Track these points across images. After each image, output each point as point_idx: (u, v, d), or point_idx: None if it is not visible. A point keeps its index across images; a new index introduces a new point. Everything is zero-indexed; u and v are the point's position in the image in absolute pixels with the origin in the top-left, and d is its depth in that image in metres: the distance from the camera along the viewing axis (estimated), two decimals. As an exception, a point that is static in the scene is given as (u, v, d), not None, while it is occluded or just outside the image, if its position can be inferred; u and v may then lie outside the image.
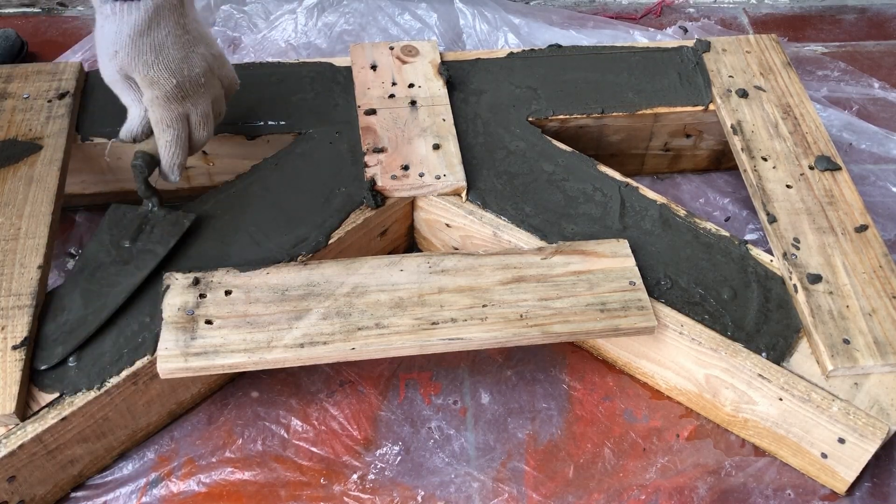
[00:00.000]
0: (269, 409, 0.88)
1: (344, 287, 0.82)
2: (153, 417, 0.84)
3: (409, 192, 0.93)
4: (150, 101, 0.78)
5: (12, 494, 0.76)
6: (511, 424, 0.88)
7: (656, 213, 0.93)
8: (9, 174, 0.91)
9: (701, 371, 0.85)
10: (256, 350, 0.77)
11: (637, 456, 0.86)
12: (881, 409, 0.78)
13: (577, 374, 0.93)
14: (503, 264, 0.85)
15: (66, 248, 1.01)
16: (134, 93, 0.79)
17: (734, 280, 0.87)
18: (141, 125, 0.82)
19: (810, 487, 0.84)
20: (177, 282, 0.81)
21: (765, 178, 0.95)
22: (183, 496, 0.82)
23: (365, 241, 0.93)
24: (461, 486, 0.83)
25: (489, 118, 1.02)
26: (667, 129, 1.07)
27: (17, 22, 1.39)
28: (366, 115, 0.99)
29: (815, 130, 1.01)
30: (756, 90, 1.06)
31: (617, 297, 0.82)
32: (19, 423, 0.74)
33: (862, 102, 1.29)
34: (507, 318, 0.80)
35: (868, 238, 0.89)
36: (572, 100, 1.05)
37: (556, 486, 0.84)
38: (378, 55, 1.07)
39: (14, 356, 0.76)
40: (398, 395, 0.90)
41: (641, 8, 1.47)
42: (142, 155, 0.82)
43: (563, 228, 0.91)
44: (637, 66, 1.10)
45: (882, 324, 0.82)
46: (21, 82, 1.01)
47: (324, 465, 0.84)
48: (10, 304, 0.79)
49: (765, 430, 0.84)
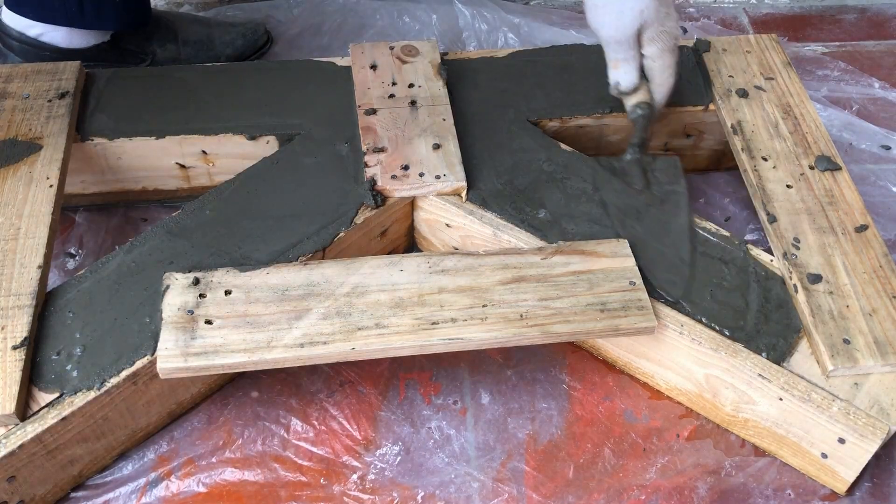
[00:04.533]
0: (269, 409, 0.88)
1: (344, 287, 0.82)
2: (153, 417, 0.84)
3: (409, 192, 0.93)
4: (662, 51, 0.92)
5: (12, 494, 0.76)
6: (511, 424, 0.88)
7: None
8: (9, 174, 0.91)
9: (701, 371, 0.85)
10: (256, 350, 0.77)
11: (637, 456, 0.86)
12: (881, 409, 0.78)
13: (577, 374, 0.93)
14: (503, 264, 0.85)
15: (66, 248, 1.01)
16: (634, 50, 0.92)
17: (734, 280, 0.87)
18: (638, 76, 0.95)
19: (810, 487, 0.84)
20: (177, 282, 0.81)
21: (765, 178, 0.95)
22: (183, 496, 0.82)
23: (365, 241, 0.93)
24: (461, 486, 0.83)
25: (489, 118, 1.02)
26: (667, 129, 1.07)
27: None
28: (366, 115, 0.99)
29: (815, 130, 1.01)
30: (756, 90, 1.06)
31: (617, 297, 0.82)
32: (19, 423, 0.74)
33: (862, 102, 1.29)
34: (507, 318, 0.80)
35: (868, 238, 0.89)
36: (572, 100, 1.05)
37: (556, 486, 0.84)
38: (378, 55, 1.07)
39: (14, 356, 0.76)
40: (398, 395, 0.90)
41: (641, 8, 1.47)
42: (643, 105, 0.96)
43: (563, 228, 0.91)
44: (637, 65, 1.09)
45: (882, 324, 0.82)
46: (21, 82, 1.01)
47: (324, 465, 0.84)
48: (10, 304, 0.79)
49: (765, 430, 0.84)
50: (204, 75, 1.06)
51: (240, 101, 1.03)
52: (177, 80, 1.05)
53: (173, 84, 1.04)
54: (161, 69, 1.07)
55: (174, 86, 1.04)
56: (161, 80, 1.05)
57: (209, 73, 1.06)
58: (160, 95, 1.03)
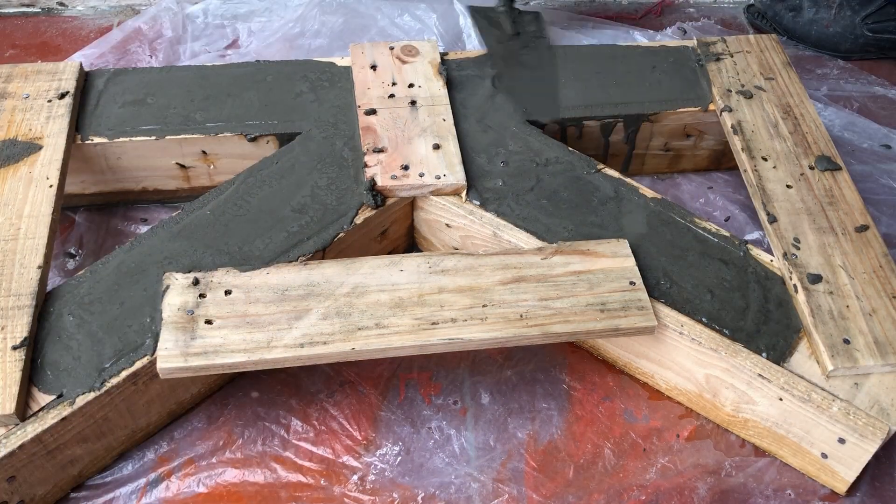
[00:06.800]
0: (269, 409, 0.88)
1: (344, 287, 0.82)
2: (153, 417, 0.84)
3: (409, 192, 0.93)
4: None
5: (12, 494, 0.76)
6: (511, 424, 0.88)
7: (656, 212, 0.92)
8: (9, 174, 0.91)
9: (701, 371, 0.85)
10: (256, 350, 0.77)
11: (637, 456, 0.86)
12: (881, 409, 0.78)
13: (577, 374, 0.93)
14: (503, 264, 0.85)
15: (66, 248, 1.01)
16: None
17: (734, 280, 0.87)
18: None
19: (810, 487, 0.84)
20: (177, 282, 0.81)
21: (765, 178, 0.95)
22: (183, 496, 0.82)
23: (365, 242, 0.93)
24: (461, 486, 0.83)
25: (489, 118, 1.02)
26: (667, 129, 1.07)
27: (16, 22, 1.39)
28: (366, 115, 0.99)
29: (815, 130, 1.01)
30: (756, 90, 1.05)
31: (617, 297, 0.82)
32: (19, 423, 0.74)
33: (862, 100, 1.29)
34: (507, 319, 0.80)
35: (868, 238, 0.89)
36: (573, 100, 1.05)
37: (556, 486, 0.84)
38: (378, 55, 1.07)
39: (14, 356, 0.76)
40: (398, 395, 0.90)
41: (641, 8, 1.47)
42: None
43: (562, 228, 0.91)
44: (637, 65, 1.09)
45: (882, 324, 0.82)
46: (21, 82, 1.01)
47: (324, 465, 0.84)
48: (10, 304, 0.79)
49: (765, 431, 0.84)
50: (203, 75, 1.06)
51: (240, 101, 1.03)
52: (177, 80, 1.05)
53: (173, 84, 1.04)
54: (161, 69, 1.07)
55: (174, 86, 1.04)
56: (161, 80, 1.05)
57: (209, 73, 1.06)
58: (160, 95, 1.03)
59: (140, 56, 1.29)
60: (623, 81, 1.07)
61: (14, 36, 1.36)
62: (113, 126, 0.99)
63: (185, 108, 1.01)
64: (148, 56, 1.30)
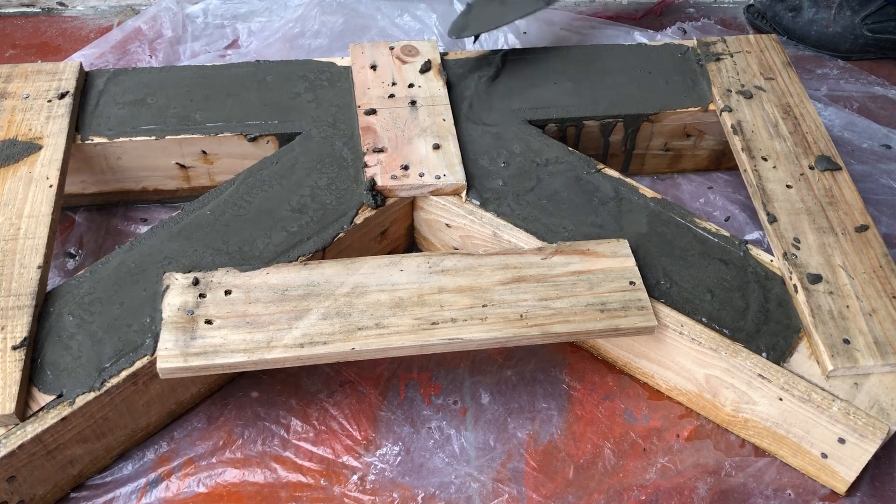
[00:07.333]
0: (269, 409, 0.88)
1: (344, 287, 0.82)
2: (153, 417, 0.84)
3: (409, 192, 0.93)
4: None
5: (12, 494, 0.76)
6: (511, 424, 0.88)
7: (656, 212, 0.93)
8: (9, 174, 0.91)
9: (701, 371, 0.85)
10: (256, 350, 0.77)
11: (637, 456, 0.86)
12: (881, 409, 0.78)
13: (577, 374, 0.93)
14: (503, 264, 0.85)
15: (66, 248, 1.01)
16: None
17: (734, 280, 0.87)
18: None
19: (810, 487, 0.84)
20: (176, 282, 0.81)
21: (765, 178, 0.95)
22: (183, 496, 0.82)
23: (365, 242, 0.93)
24: (461, 486, 0.83)
25: (489, 118, 1.02)
26: (667, 129, 1.07)
27: (16, 22, 1.39)
28: (366, 115, 0.99)
29: (815, 130, 1.01)
30: (756, 90, 1.05)
31: (617, 297, 0.82)
32: (19, 423, 0.74)
33: (862, 100, 1.29)
34: (507, 318, 0.80)
35: (868, 238, 0.89)
36: (572, 100, 1.05)
37: (556, 486, 0.84)
38: (378, 55, 1.07)
39: (14, 356, 0.76)
40: (398, 395, 0.90)
41: (641, 8, 1.47)
42: None
43: (562, 228, 0.91)
44: (637, 65, 1.10)
45: (882, 324, 0.82)
46: (21, 82, 1.01)
47: (324, 465, 0.84)
48: (10, 305, 0.79)
49: (765, 430, 0.84)
50: (203, 75, 1.06)
51: (240, 101, 1.03)
52: (177, 80, 1.05)
53: (173, 84, 1.04)
54: (161, 69, 1.07)
55: (174, 86, 1.04)
56: (161, 80, 1.05)
57: (209, 72, 1.06)
58: (160, 95, 1.03)
59: (140, 56, 1.29)
60: (623, 81, 1.07)
61: (14, 36, 1.36)
62: (113, 126, 0.99)
63: (185, 108, 1.01)
64: (148, 56, 1.30)
